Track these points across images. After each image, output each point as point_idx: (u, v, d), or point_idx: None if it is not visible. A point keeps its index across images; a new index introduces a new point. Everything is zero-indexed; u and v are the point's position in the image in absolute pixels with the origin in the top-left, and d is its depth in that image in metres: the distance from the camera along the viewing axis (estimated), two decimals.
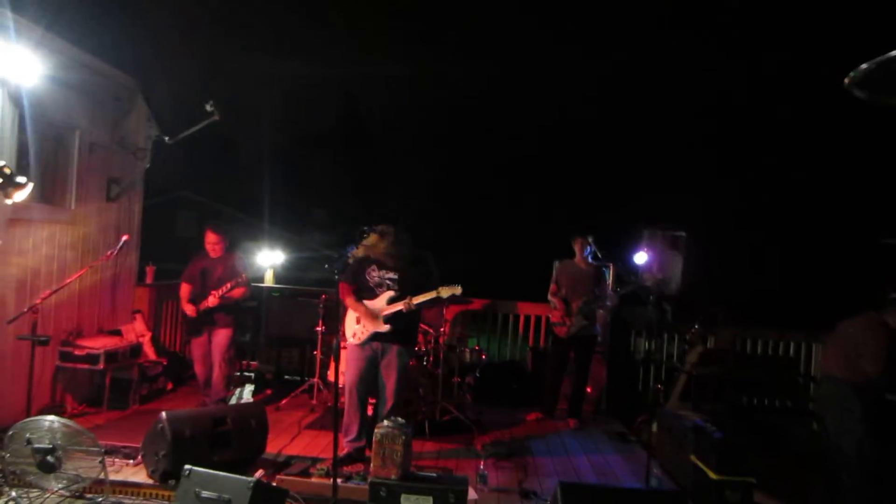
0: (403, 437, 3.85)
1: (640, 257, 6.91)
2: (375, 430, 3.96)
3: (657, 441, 5.61)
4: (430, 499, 3.76)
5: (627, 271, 6.98)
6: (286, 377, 7.37)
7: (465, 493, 3.82)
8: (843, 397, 4.38)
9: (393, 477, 3.82)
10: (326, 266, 4.07)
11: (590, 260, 6.47)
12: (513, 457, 5.29)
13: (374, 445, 3.90)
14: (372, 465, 3.90)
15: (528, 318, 7.76)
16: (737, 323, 7.51)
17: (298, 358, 7.49)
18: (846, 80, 1.96)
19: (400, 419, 4.07)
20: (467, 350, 6.77)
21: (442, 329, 6.17)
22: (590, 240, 6.46)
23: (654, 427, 5.75)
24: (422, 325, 6.22)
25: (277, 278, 9.29)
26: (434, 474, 3.99)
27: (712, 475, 4.35)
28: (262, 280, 8.42)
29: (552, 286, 6.55)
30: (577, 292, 6.36)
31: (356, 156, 24.90)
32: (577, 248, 6.47)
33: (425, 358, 6.10)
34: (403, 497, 3.77)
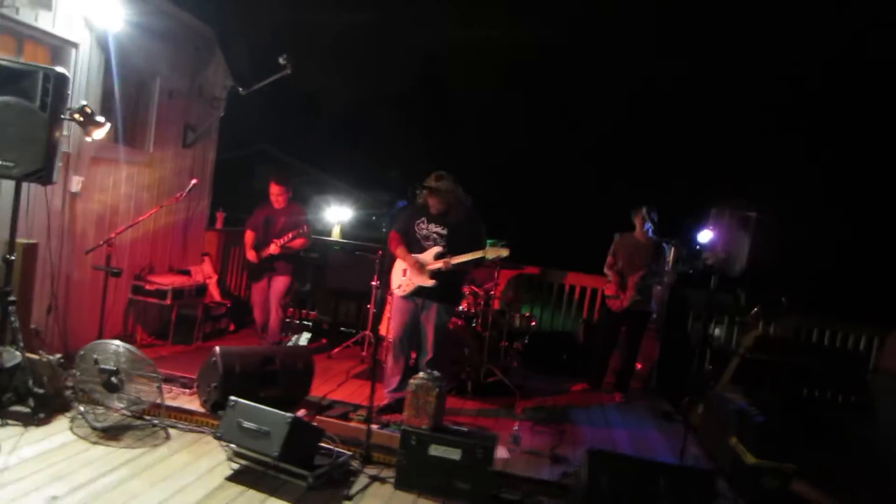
0: (437, 390, 3.96)
1: (705, 235, 6.71)
2: (410, 381, 4.08)
3: (702, 422, 5.54)
4: (459, 451, 3.87)
5: (689, 250, 6.81)
6: (342, 329, 7.61)
7: (493, 449, 3.91)
8: None
9: (424, 427, 3.94)
10: (374, 218, 4.17)
11: (650, 234, 6.36)
12: (551, 423, 5.33)
13: (408, 396, 4.03)
14: (405, 414, 4.03)
15: (583, 290, 7.71)
16: (803, 311, 7.23)
17: (355, 311, 7.71)
18: None
19: (435, 372, 4.17)
20: (517, 316, 6.80)
21: (492, 292, 6.22)
22: (650, 214, 6.33)
23: (700, 408, 5.67)
24: (472, 287, 6.30)
25: (344, 234, 9.56)
26: (465, 429, 4.09)
27: (750, 459, 4.28)
28: (328, 234, 8.69)
29: (609, 259, 6.48)
30: (634, 266, 6.27)
31: (434, 119, 24.97)
32: (637, 222, 6.37)
33: (474, 319, 6.18)
34: (432, 447, 3.89)
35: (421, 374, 4.12)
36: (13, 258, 4.28)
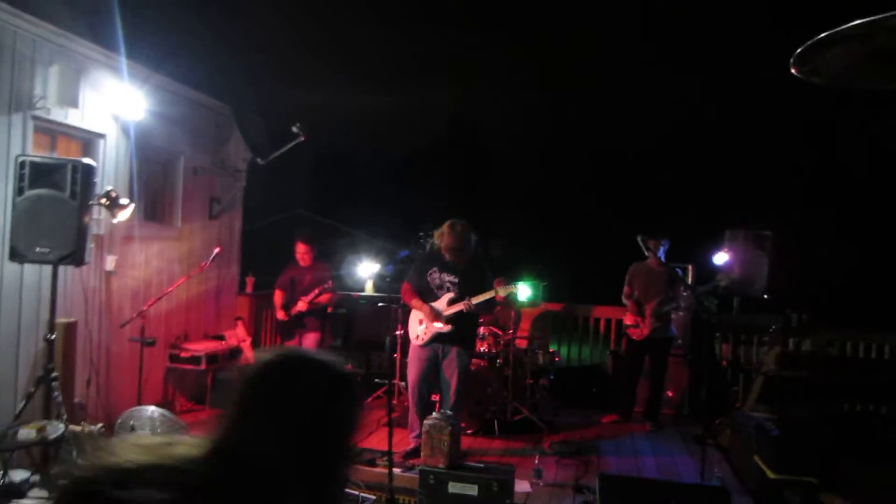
0: (450, 428, 4.11)
1: (720, 257, 6.77)
2: (424, 422, 4.24)
3: (731, 443, 5.52)
4: (476, 486, 3.99)
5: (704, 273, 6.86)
6: (376, 380, 7.79)
7: (511, 482, 4.02)
8: None
9: (441, 466, 4.08)
10: (377, 271, 4.40)
11: (662, 261, 6.44)
12: (578, 455, 5.39)
13: (423, 436, 4.18)
14: (423, 454, 4.18)
15: (608, 322, 7.77)
16: (832, 325, 7.14)
17: (388, 361, 7.89)
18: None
19: (448, 411, 4.33)
20: (540, 353, 6.90)
21: (510, 330, 6.36)
22: (661, 241, 6.43)
23: (729, 430, 5.66)
24: (492, 328, 6.45)
25: (377, 287, 9.82)
26: (481, 465, 4.22)
27: (770, 474, 4.29)
28: (360, 290, 8.96)
29: (626, 288, 6.58)
30: (650, 294, 6.35)
31: (460, 173, 25.48)
32: (648, 249, 6.46)
33: (496, 359, 6.31)
34: (450, 484, 4.02)
35: (434, 415, 4.28)
36: (53, 337, 4.63)
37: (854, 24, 1.59)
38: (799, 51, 1.86)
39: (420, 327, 5.25)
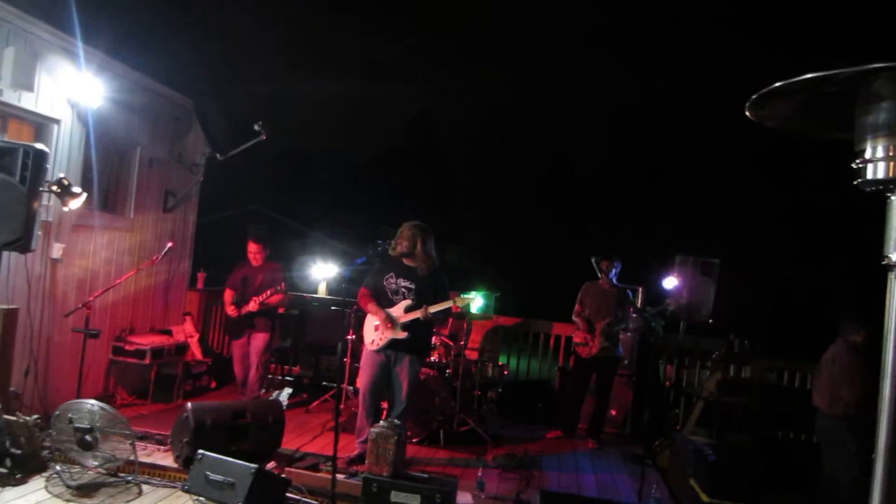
0: (396, 437, 4.12)
1: (670, 282, 6.95)
2: (371, 430, 4.25)
3: (669, 464, 5.67)
4: (418, 497, 4.01)
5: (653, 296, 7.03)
6: (324, 383, 7.75)
7: (453, 494, 4.05)
8: (836, 433, 4.34)
9: (385, 474, 4.10)
10: (333, 274, 4.40)
11: (614, 282, 6.59)
12: (521, 469, 5.45)
13: (369, 444, 4.19)
14: (367, 461, 4.19)
15: (558, 339, 7.89)
16: (772, 354, 7.39)
17: (336, 365, 7.86)
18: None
19: (395, 420, 4.34)
20: (489, 365, 6.97)
21: (461, 342, 6.41)
22: (614, 262, 6.56)
23: (668, 451, 5.81)
24: (443, 338, 6.49)
25: (331, 290, 9.77)
26: (425, 475, 4.24)
27: (704, 497, 4.42)
28: (313, 291, 8.89)
29: (577, 307, 6.69)
30: (601, 314, 6.47)
31: (422, 173, 25.52)
32: (601, 271, 6.60)
33: (445, 370, 6.35)
34: (393, 493, 4.03)
35: (381, 423, 4.29)
36: None
37: (806, 77, 1.68)
38: (753, 97, 1.95)
39: (375, 333, 5.25)
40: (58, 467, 4.48)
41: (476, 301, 5.93)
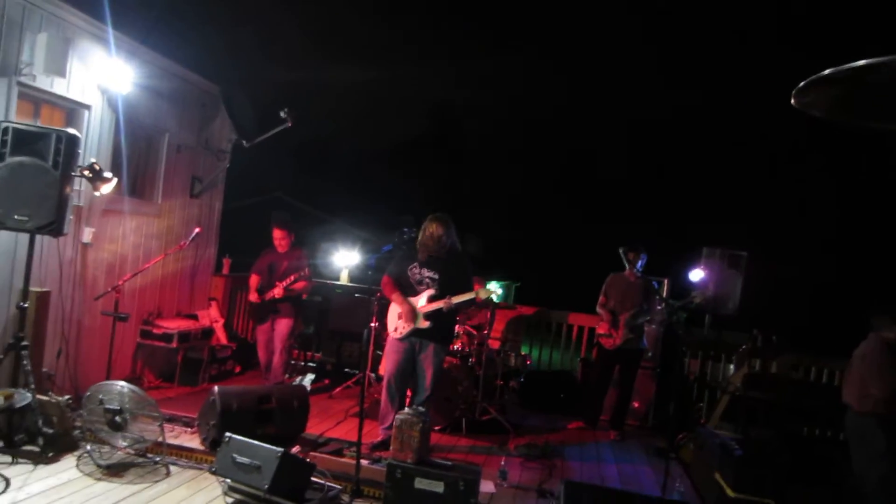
0: (420, 425, 4.13)
1: (696, 274, 6.87)
2: (396, 417, 4.27)
3: (693, 458, 5.63)
4: (442, 484, 4.02)
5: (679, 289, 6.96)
6: (346, 370, 7.80)
7: (476, 482, 4.06)
8: (864, 430, 4.27)
9: (409, 461, 4.11)
10: (354, 262, 4.41)
11: (639, 274, 6.53)
12: (543, 459, 5.45)
13: (393, 430, 4.21)
14: (392, 448, 4.21)
15: (581, 329, 7.86)
16: (799, 349, 7.30)
17: (358, 352, 7.91)
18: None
19: (420, 407, 4.36)
20: (512, 355, 6.96)
21: (485, 331, 6.41)
22: (640, 253, 6.50)
23: (692, 445, 5.77)
24: (467, 327, 6.50)
25: (353, 278, 9.81)
26: (449, 462, 4.25)
27: (730, 492, 4.38)
28: (336, 278, 8.94)
29: (601, 298, 6.65)
30: (626, 305, 6.43)
31: (445, 164, 25.49)
32: (627, 262, 6.54)
33: (468, 358, 6.36)
34: (417, 480, 4.04)
35: (406, 410, 4.31)
36: (26, 306, 4.57)
37: (856, 64, 1.64)
38: (800, 84, 1.91)
39: (399, 321, 5.27)
40: (88, 447, 4.57)
41: (496, 291, 5.91)
